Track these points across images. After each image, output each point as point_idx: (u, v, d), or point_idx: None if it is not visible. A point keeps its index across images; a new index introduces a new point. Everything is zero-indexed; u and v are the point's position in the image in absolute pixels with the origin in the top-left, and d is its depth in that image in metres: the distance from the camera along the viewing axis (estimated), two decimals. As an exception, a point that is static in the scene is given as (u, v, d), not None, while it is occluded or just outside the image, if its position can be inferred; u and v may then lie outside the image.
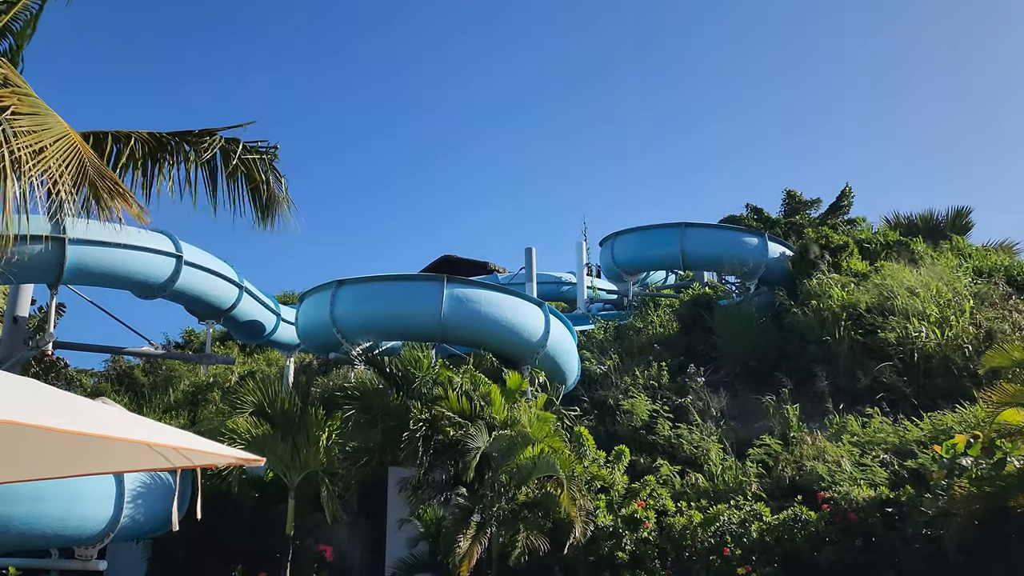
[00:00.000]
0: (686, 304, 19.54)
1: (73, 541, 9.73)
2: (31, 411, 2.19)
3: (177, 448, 2.57)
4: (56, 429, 2.12)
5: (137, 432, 2.41)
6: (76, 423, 2.21)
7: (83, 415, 2.33)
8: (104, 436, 2.28)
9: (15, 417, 2.05)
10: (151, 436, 2.43)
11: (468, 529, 10.56)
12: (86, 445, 2.86)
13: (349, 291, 13.21)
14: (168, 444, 2.48)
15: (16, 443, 2.98)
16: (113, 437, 2.37)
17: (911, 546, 10.17)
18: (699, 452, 13.78)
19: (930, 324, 15.35)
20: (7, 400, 2.19)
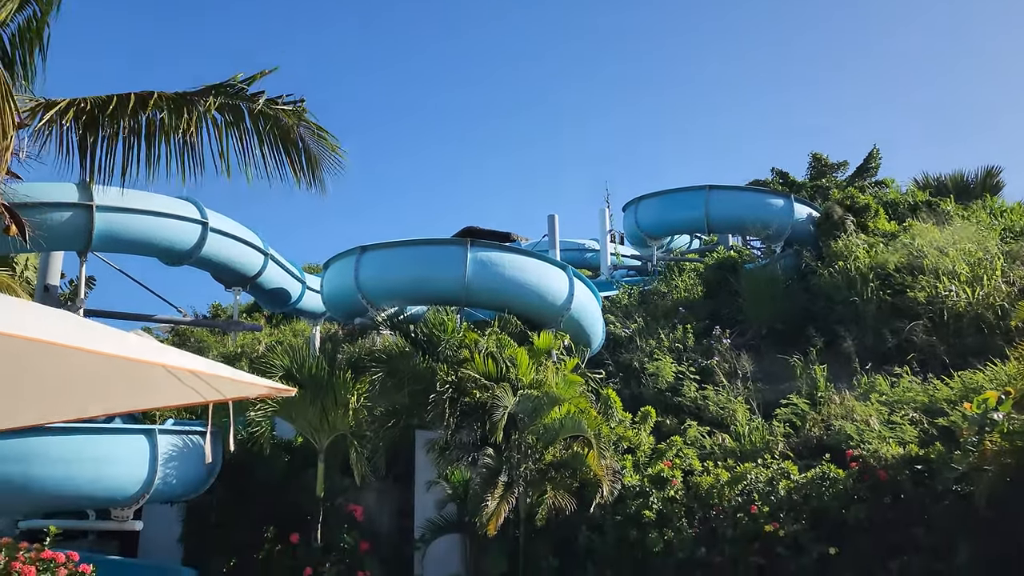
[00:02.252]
0: (711, 268, 19.41)
1: (108, 502, 9.93)
2: (64, 333, 2.22)
3: (207, 376, 2.59)
4: (89, 350, 2.14)
5: (169, 358, 2.43)
6: (109, 346, 2.24)
7: (116, 340, 2.35)
8: (136, 359, 2.31)
9: (51, 337, 2.07)
10: (182, 362, 2.45)
11: (495, 489, 10.66)
12: (117, 380, 2.89)
13: (373, 256, 13.26)
14: (199, 370, 2.50)
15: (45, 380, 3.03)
16: (145, 360, 2.39)
17: (940, 502, 10.12)
18: (725, 413, 13.76)
19: (960, 283, 15.14)
20: (41, 323, 2.21)
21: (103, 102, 7.56)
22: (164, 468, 10.10)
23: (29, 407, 3.36)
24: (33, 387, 3.22)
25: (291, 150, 8.09)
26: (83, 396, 3.11)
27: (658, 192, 21.81)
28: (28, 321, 2.17)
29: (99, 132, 7.50)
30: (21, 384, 3.21)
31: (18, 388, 3.22)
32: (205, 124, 7.74)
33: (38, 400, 3.29)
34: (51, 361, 2.87)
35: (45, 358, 2.84)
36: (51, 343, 2.11)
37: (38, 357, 2.86)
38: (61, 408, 3.24)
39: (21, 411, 3.41)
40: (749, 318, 17.13)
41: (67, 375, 3.00)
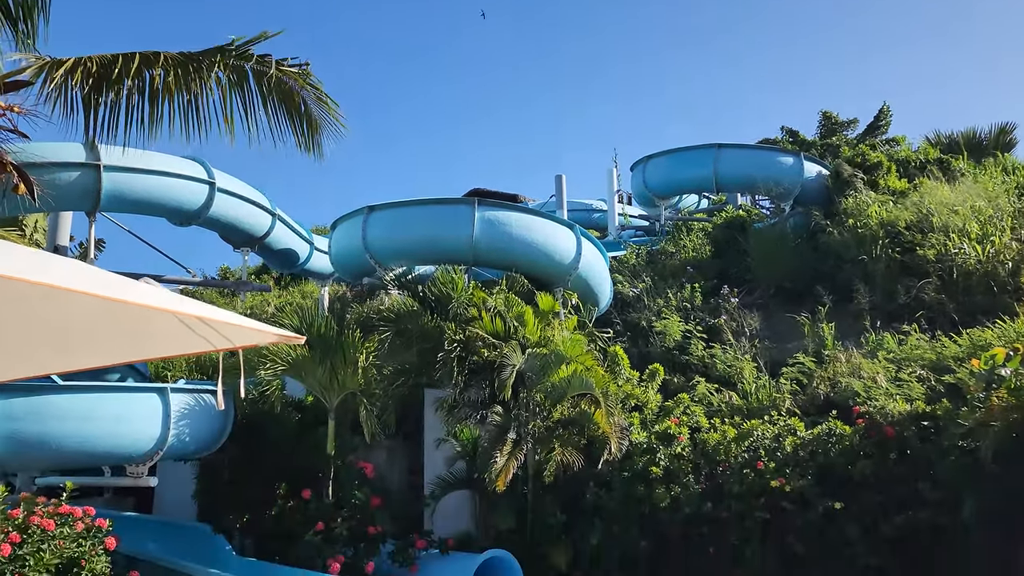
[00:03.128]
0: (719, 227, 19.34)
1: (123, 459, 10.08)
2: (75, 278, 2.24)
3: (217, 323, 2.61)
4: (100, 296, 2.16)
5: (179, 305, 2.46)
6: (120, 292, 2.26)
7: (127, 288, 2.37)
8: (147, 306, 2.33)
9: (61, 282, 2.09)
10: (193, 309, 2.48)
11: (504, 446, 10.78)
12: (128, 330, 2.92)
13: (381, 216, 13.26)
14: (210, 317, 2.52)
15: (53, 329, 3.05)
16: (156, 307, 2.41)
17: (947, 458, 10.17)
18: (732, 371, 13.82)
19: (971, 241, 15.06)
20: (50, 268, 2.23)
21: (109, 62, 7.55)
22: (177, 426, 10.23)
23: (37, 357, 3.39)
24: (41, 336, 3.25)
25: (294, 113, 8.15)
26: (93, 345, 3.13)
27: (666, 151, 21.64)
28: (37, 267, 2.19)
29: (104, 92, 7.49)
30: (29, 333, 3.23)
31: (26, 337, 3.25)
32: (209, 85, 7.75)
33: (47, 349, 3.32)
34: (60, 309, 2.89)
35: (54, 305, 2.86)
36: (61, 288, 2.13)
37: (47, 304, 2.89)
38: (71, 358, 3.27)
39: (29, 361, 3.45)
40: (757, 277, 17.11)
41: (76, 324, 3.02)
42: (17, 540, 7.60)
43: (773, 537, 10.63)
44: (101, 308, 2.83)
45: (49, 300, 2.85)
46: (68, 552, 7.95)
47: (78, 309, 2.84)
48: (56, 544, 7.88)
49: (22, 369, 3.64)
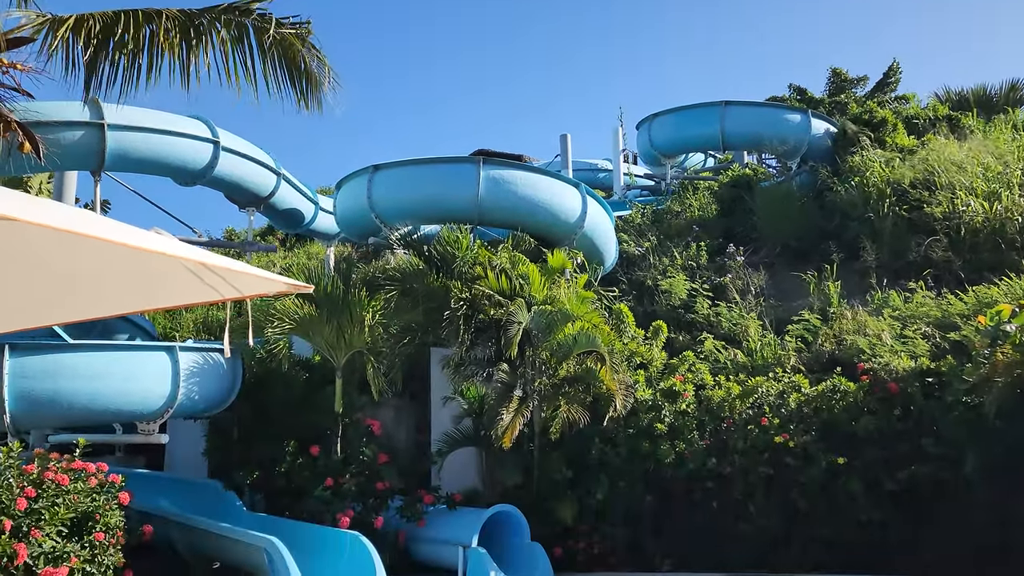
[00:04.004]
0: (725, 186, 19.24)
1: (134, 416, 10.19)
2: (84, 223, 2.25)
3: (226, 272, 2.63)
4: (109, 240, 2.17)
5: (188, 252, 2.47)
6: (129, 238, 2.27)
7: (136, 235, 2.39)
8: (156, 252, 2.35)
9: (69, 226, 2.11)
10: (201, 257, 2.50)
11: (510, 403, 10.88)
12: (136, 279, 2.94)
13: (385, 175, 13.21)
14: (218, 265, 2.54)
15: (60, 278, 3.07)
16: (165, 253, 2.43)
17: (950, 414, 10.26)
18: (738, 329, 13.87)
19: (978, 198, 14.98)
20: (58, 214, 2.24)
21: (110, 18, 7.52)
22: (186, 384, 10.32)
23: (45, 306, 3.42)
24: (48, 286, 3.26)
25: (294, 72, 8.17)
26: (101, 295, 3.15)
27: (673, 109, 21.43)
28: (45, 212, 2.20)
29: (106, 49, 7.47)
30: (36, 283, 3.25)
31: (32, 287, 3.27)
32: (211, 43, 7.75)
33: (54, 299, 3.34)
34: (67, 257, 2.91)
35: (61, 253, 2.87)
36: (70, 231, 2.14)
37: (53, 252, 2.90)
38: (79, 307, 3.29)
39: (36, 310, 3.47)
40: (763, 236, 17.07)
41: (83, 273, 3.04)
42: (32, 495, 7.72)
43: (776, 492, 10.77)
44: (109, 256, 2.85)
45: (56, 248, 2.86)
46: (82, 506, 8.07)
47: (85, 258, 2.86)
48: (70, 499, 8.00)
49: (28, 319, 3.67)
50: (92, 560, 7.96)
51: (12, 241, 2.98)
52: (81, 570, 7.83)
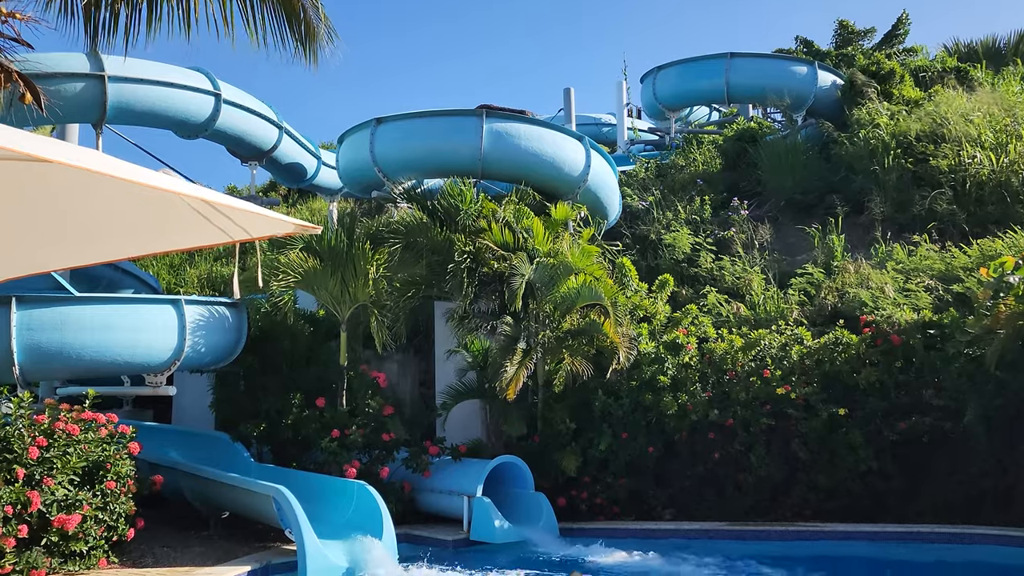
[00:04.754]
0: (730, 140, 19.08)
1: (141, 368, 10.29)
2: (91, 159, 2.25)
3: (234, 212, 2.64)
4: (119, 177, 2.18)
5: (198, 191, 2.48)
6: (138, 176, 2.28)
7: (145, 174, 2.40)
8: (166, 190, 2.35)
9: (75, 161, 2.11)
10: (210, 196, 2.51)
11: (514, 356, 10.95)
12: (144, 221, 2.95)
13: (388, 128, 13.12)
14: (227, 204, 2.55)
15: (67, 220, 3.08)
16: (175, 192, 2.44)
17: (951, 365, 10.31)
18: (741, 283, 13.88)
19: (984, 150, 14.86)
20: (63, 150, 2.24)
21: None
22: (192, 337, 10.40)
23: (52, 250, 3.42)
24: (54, 229, 3.26)
25: (292, 20, 8.10)
26: (111, 239, 3.16)
27: (677, 61, 21.14)
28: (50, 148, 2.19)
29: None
30: (41, 226, 3.25)
31: (38, 230, 3.27)
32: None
33: (61, 243, 3.34)
34: (74, 199, 2.91)
35: (68, 195, 2.87)
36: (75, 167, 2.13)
37: (61, 193, 2.90)
38: (86, 251, 3.30)
39: (42, 254, 3.48)
40: (768, 190, 16.98)
41: (89, 217, 3.04)
42: (44, 444, 7.85)
43: (777, 443, 10.89)
44: (118, 199, 2.85)
45: (62, 189, 2.86)
46: (93, 456, 8.21)
47: (93, 200, 2.86)
48: (81, 448, 8.13)
49: (36, 263, 3.68)
50: (104, 508, 8.12)
51: (15, 181, 2.97)
52: (93, 517, 7.99)
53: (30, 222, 3.41)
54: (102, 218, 3.07)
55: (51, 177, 2.97)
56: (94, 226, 3.14)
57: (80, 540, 7.89)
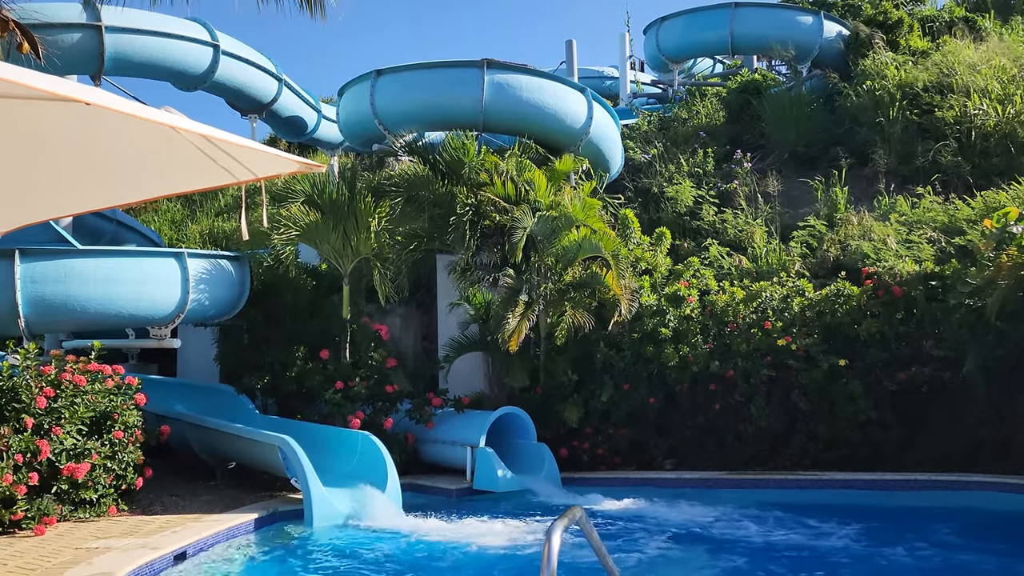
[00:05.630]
0: (734, 91, 18.89)
1: (145, 321, 10.35)
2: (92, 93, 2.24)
3: (238, 150, 2.63)
4: (121, 111, 2.17)
5: (199, 127, 2.47)
6: (139, 111, 2.27)
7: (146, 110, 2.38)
8: (169, 124, 2.35)
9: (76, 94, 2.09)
10: (217, 133, 2.50)
11: (516, 308, 10.99)
12: (146, 163, 2.94)
13: (388, 80, 12.99)
14: (231, 140, 2.54)
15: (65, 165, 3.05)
16: (180, 128, 2.43)
17: (952, 316, 10.34)
18: (743, 235, 13.87)
19: (991, 101, 14.71)
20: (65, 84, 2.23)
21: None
22: (196, 290, 10.44)
23: (53, 197, 3.40)
24: (53, 175, 3.23)
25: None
26: (112, 183, 3.15)
27: (680, 12, 20.82)
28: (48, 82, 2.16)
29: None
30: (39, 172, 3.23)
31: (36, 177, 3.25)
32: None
33: (61, 189, 3.32)
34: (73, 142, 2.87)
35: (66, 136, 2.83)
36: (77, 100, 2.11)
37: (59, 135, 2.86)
38: (88, 197, 3.28)
39: (44, 202, 3.46)
40: (771, 142, 16.86)
41: (93, 161, 3.02)
42: (51, 394, 7.93)
43: (777, 394, 10.97)
44: (117, 140, 2.83)
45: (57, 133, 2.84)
46: (100, 406, 8.30)
47: (91, 142, 2.83)
48: (88, 399, 8.22)
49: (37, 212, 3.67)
50: (112, 457, 8.24)
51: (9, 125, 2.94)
52: (102, 466, 8.11)
53: (29, 168, 3.39)
54: (104, 162, 3.05)
55: (48, 119, 2.95)
56: (96, 171, 3.12)
57: (90, 488, 8.02)
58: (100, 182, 3.17)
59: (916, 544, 7.72)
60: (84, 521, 7.98)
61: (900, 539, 7.89)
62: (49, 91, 1.97)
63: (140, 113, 2.25)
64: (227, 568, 7.13)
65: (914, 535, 8.05)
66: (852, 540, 7.98)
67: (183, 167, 2.85)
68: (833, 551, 7.63)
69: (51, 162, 3.22)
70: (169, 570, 6.67)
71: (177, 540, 7.08)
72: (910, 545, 7.69)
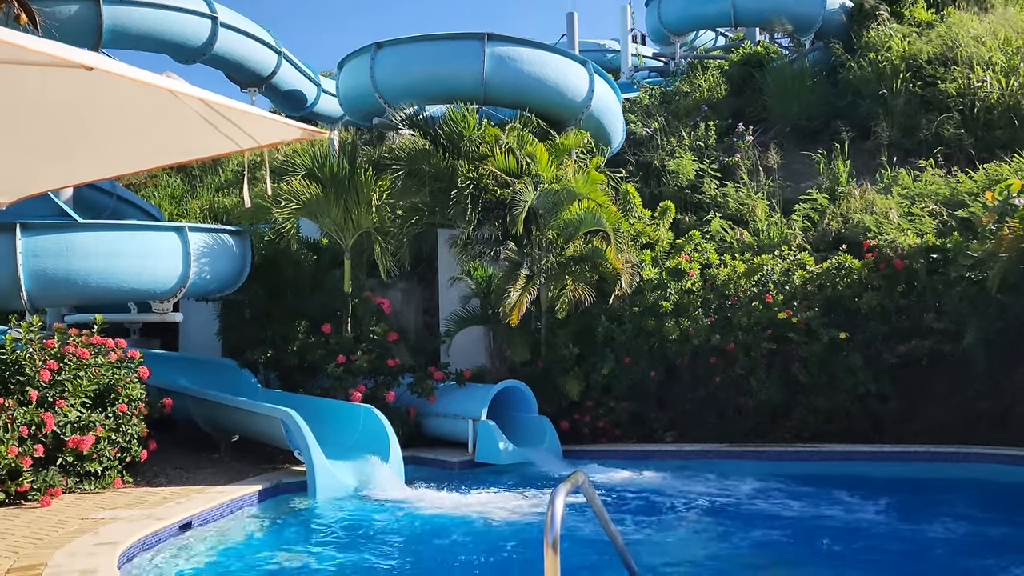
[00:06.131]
0: (736, 64, 18.74)
1: (147, 295, 10.36)
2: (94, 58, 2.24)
3: (240, 117, 2.63)
4: (126, 76, 2.16)
5: (200, 92, 2.47)
6: (141, 75, 2.27)
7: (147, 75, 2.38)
8: (171, 89, 2.34)
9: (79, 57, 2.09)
10: (220, 99, 2.49)
11: (517, 281, 11.01)
12: (149, 132, 2.93)
13: (389, 53, 12.89)
14: (235, 106, 2.54)
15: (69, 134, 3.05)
16: (181, 92, 2.42)
17: (953, 289, 10.35)
18: (745, 209, 13.84)
19: (995, 73, 14.61)
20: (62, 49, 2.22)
21: None
22: (197, 264, 10.45)
23: (56, 167, 3.40)
24: (57, 145, 3.23)
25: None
26: (116, 152, 3.14)
27: (684, -17, 20.64)
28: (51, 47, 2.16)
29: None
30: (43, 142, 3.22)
31: (40, 147, 3.24)
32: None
33: (64, 159, 3.31)
34: (76, 112, 2.87)
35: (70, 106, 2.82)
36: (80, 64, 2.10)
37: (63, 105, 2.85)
38: (93, 166, 3.28)
39: (43, 172, 3.45)
40: (773, 115, 16.77)
41: (97, 130, 3.01)
42: (55, 367, 7.97)
43: (778, 367, 11.01)
44: (121, 109, 2.82)
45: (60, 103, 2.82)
46: (104, 379, 8.33)
47: (94, 111, 2.83)
48: (92, 372, 8.26)
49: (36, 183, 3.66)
50: (116, 429, 8.29)
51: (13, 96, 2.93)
52: (107, 438, 8.16)
53: (30, 138, 3.38)
54: (107, 131, 3.04)
55: (50, 88, 2.94)
56: (99, 141, 3.11)
57: (95, 460, 8.07)
58: (103, 151, 3.16)
59: (931, 514, 7.76)
60: (89, 493, 8.05)
61: (921, 510, 7.93)
62: (51, 55, 1.96)
63: (141, 78, 2.24)
64: (232, 538, 7.21)
65: (929, 506, 8.12)
66: (862, 511, 7.98)
67: (185, 135, 2.84)
68: (840, 521, 7.65)
69: (53, 132, 3.21)
70: (174, 540, 6.73)
71: (182, 511, 7.14)
72: (927, 516, 7.72)
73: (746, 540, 7.22)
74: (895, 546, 6.92)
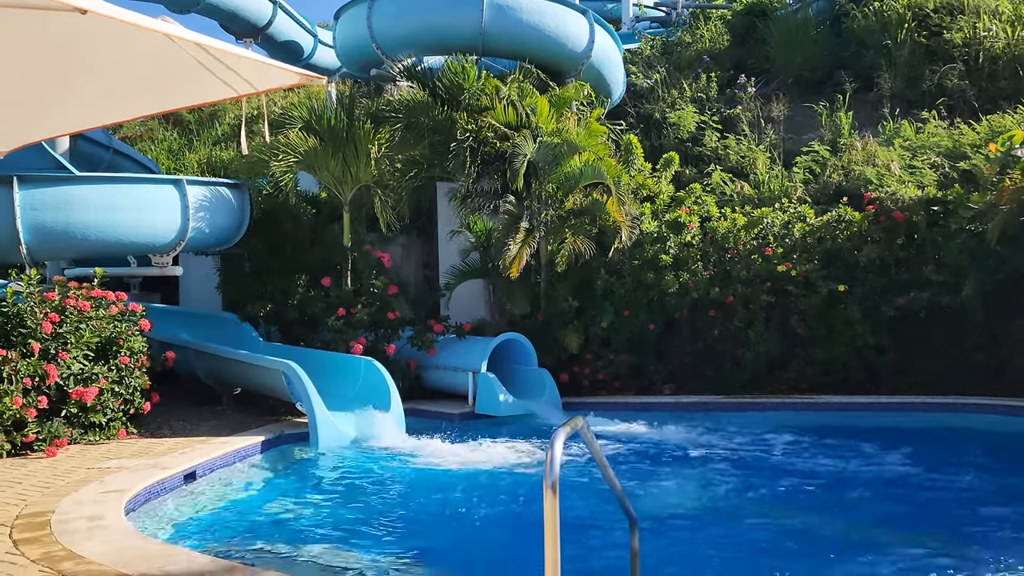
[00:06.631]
0: (739, 14, 18.46)
1: (146, 248, 10.36)
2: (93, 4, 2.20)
3: (237, 62, 2.60)
4: (120, 20, 2.13)
5: (197, 37, 2.44)
6: (137, 19, 2.23)
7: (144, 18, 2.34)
8: (168, 34, 2.31)
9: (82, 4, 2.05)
10: (217, 44, 2.46)
11: (517, 234, 11.00)
12: (147, 79, 2.90)
13: (386, 2, 12.68)
14: (228, 51, 2.51)
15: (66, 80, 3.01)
16: (178, 37, 2.40)
17: (953, 241, 10.35)
18: (746, 162, 13.76)
19: (1001, 23, 14.41)
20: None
21: None
22: (196, 217, 10.42)
23: (52, 116, 3.36)
24: (52, 93, 3.19)
25: None
26: (113, 99, 3.11)
27: (686, -68, 20.26)
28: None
29: None
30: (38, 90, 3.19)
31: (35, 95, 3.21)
32: None
33: (57, 107, 3.27)
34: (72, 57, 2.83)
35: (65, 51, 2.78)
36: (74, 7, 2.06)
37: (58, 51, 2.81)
38: (89, 114, 3.25)
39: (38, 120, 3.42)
40: (776, 66, 16.57)
41: (92, 76, 2.97)
42: (56, 320, 7.99)
43: (776, 320, 11.07)
44: (113, 54, 2.78)
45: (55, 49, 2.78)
46: (106, 332, 8.36)
47: (90, 56, 2.78)
48: (93, 324, 8.28)
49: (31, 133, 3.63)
50: (119, 382, 8.35)
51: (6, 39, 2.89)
52: (110, 390, 8.22)
53: (26, 86, 3.34)
54: (101, 78, 3.00)
55: (44, 34, 2.89)
56: (93, 88, 3.08)
57: (99, 412, 8.14)
58: (98, 99, 3.13)
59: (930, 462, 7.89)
60: (94, 444, 8.13)
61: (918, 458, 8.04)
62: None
63: (137, 21, 2.21)
64: (236, 487, 7.31)
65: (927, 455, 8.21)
66: (862, 459, 8.09)
67: (181, 81, 2.81)
68: (840, 469, 7.77)
69: (46, 79, 3.17)
70: (180, 489, 6.83)
71: (186, 460, 7.23)
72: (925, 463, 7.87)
73: (748, 487, 7.33)
74: (891, 491, 7.04)
